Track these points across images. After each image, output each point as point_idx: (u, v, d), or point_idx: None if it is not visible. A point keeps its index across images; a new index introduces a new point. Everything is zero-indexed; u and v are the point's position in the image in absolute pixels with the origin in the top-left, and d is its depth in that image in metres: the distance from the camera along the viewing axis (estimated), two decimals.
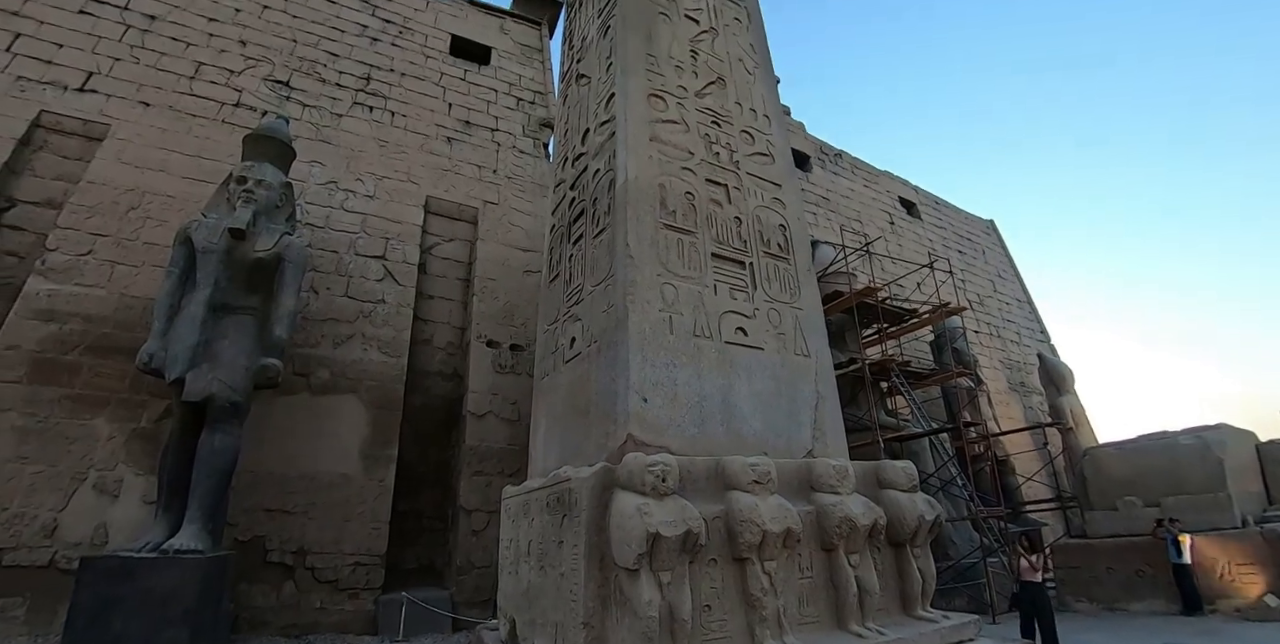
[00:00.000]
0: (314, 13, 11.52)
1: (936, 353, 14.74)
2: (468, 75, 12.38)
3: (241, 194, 7.37)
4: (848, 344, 11.33)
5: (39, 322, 7.29)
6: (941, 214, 21.73)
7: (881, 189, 20.04)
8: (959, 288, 14.39)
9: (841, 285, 11.52)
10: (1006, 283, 22.19)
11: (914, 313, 12.50)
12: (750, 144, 5.19)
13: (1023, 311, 21.93)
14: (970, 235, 22.27)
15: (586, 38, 5.81)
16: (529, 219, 11.06)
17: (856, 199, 18.70)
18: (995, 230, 23.91)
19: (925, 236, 20.09)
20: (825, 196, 17.64)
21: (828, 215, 17.05)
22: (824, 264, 11.99)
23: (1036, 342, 21.24)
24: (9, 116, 8.30)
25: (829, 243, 13.40)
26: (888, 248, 17.04)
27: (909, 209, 20.56)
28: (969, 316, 16.50)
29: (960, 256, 20.51)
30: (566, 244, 5.13)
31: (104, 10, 9.75)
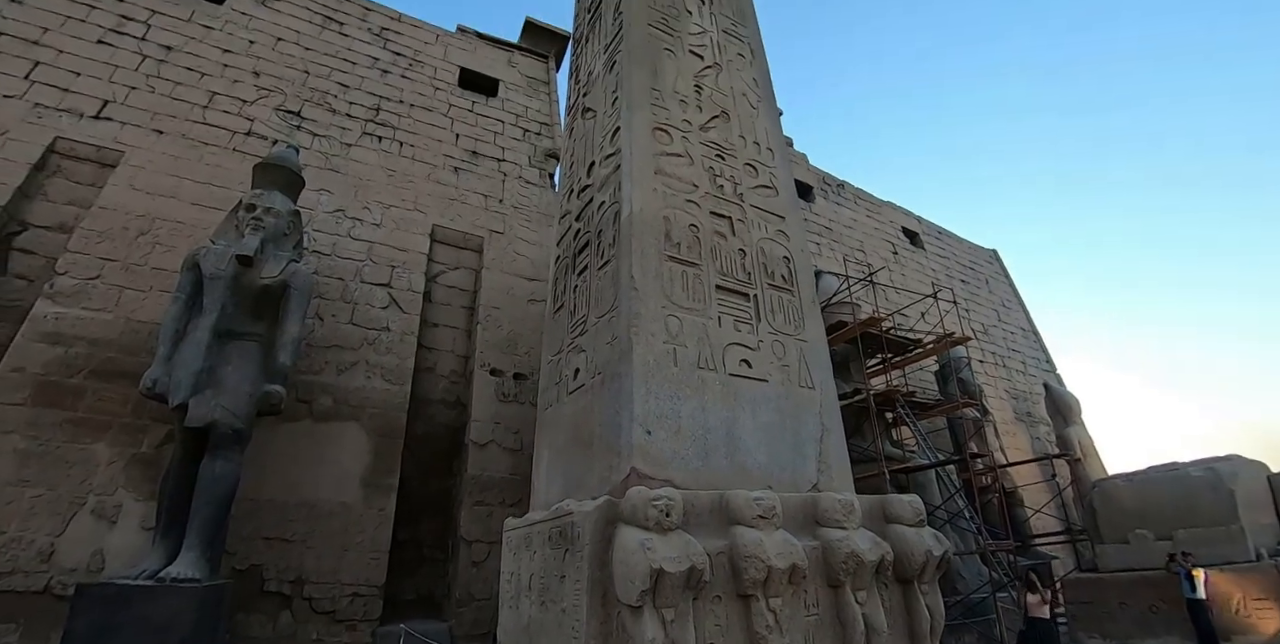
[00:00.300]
0: (327, 45, 11.79)
1: (941, 383, 14.66)
2: (475, 107, 12.59)
3: (250, 221, 7.45)
4: (852, 374, 11.30)
5: (45, 344, 7.31)
6: (944, 244, 21.82)
7: (884, 219, 20.16)
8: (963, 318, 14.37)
9: (845, 315, 11.53)
10: (1011, 312, 22.17)
11: (918, 343, 12.48)
12: (754, 177, 5.25)
13: (1028, 341, 21.86)
14: (974, 265, 22.32)
15: (593, 72, 5.92)
16: (534, 248, 11.14)
17: (859, 229, 18.80)
18: (998, 260, 23.96)
19: (928, 266, 20.14)
20: (828, 227, 17.75)
21: (831, 245, 17.13)
22: (828, 294, 12.01)
23: (1042, 371, 21.13)
24: (25, 142, 8.45)
25: (833, 273, 13.44)
26: (891, 278, 17.08)
27: (912, 239, 20.65)
28: (974, 346, 16.45)
29: (964, 286, 20.53)
30: (571, 275, 5.16)
31: (122, 41, 9.98)
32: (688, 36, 5.63)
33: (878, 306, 11.99)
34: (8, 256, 7.91)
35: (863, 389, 10.89)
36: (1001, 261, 23.96)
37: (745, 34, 6.24)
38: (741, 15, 6.38)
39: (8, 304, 7.62)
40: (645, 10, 5.48)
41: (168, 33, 10.41)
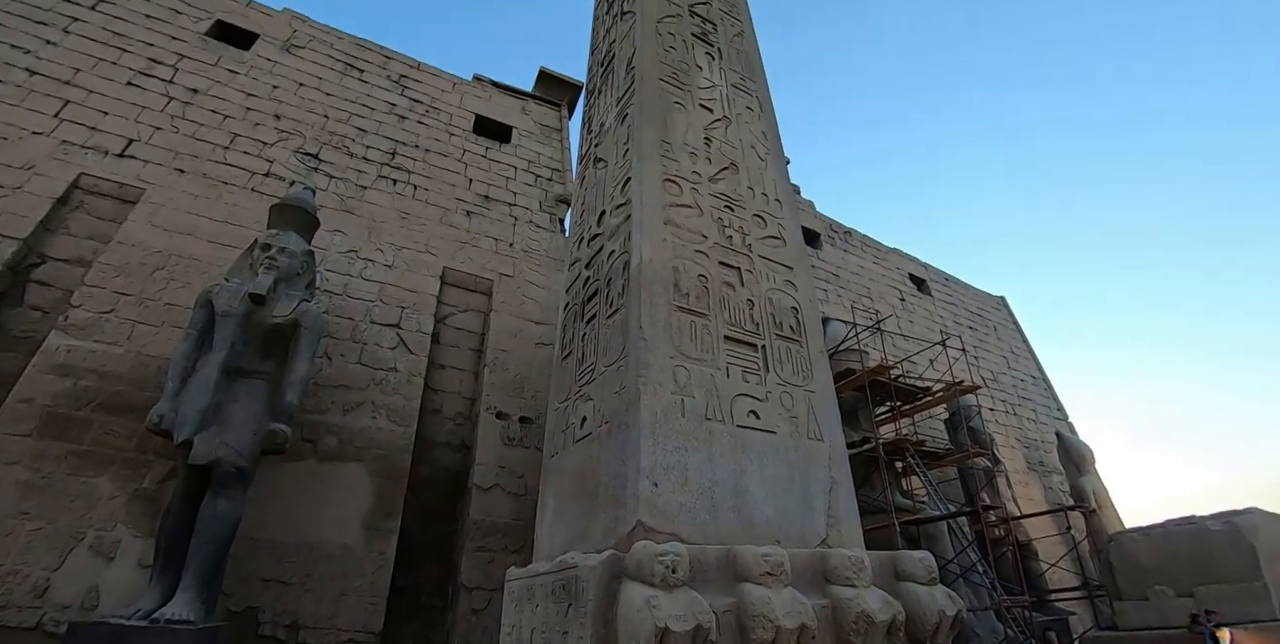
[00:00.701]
0: (347, 91, 12.13)
1: (952, 432, 14.47)
2: (489, 152, 12.87)
3: (264, 260, 7.55)
4: (860, 422, 11.19)
5: (55, 376, 7.34)
6: (952, 290, 21.84)
7: (891, 266, 20.25)
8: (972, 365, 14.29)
9: (853, 363, 11.48)
10: (1020, 359, 22.02)
11: (927, 391, 12.37)
12: (762, 228, 5.31)
13: (1038, 388, 21.65)
14: (981, 311, 22.28)
15: (605, 124, 6.07)
16: (543, 292, 11.22)
17: (866, 276, 18.88)
18: (1006, 306, 23.92)
19: (936, 313, 20.12)
20: (836, 273, 17.84)
21: (838, 292, 17.18)
22: (835, 341, 11.99)
23: (1054, 419, 20.85)
24: (50, 178, 8.65)
25: (840, 320, 13.45)
26: (899, 324, 17.05)
27: (919, 285, 20.70)
28: (984, 394, 16.29)
29: (972, 333, 20.46)
30: (580, 323, 5.19)
31: (150, 83, 10.31)
32: (698, 90, 5.77)
33: (886, 354, 11.96)
34: (25, 288, 8.02)
35: (872, 438, 10.76)
36: (1009, 308, 23.92)
37: (754, 88, 6.40)
38: (750, 70, 6.56)
39: (22, 335, 7.69)
40: (657, 65, 5.65)
41: (194, 76, 10.75)
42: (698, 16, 6.64)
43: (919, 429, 13.42)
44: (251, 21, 12.17)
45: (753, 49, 6.90)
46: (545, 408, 6.69)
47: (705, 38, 6.41)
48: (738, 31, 6.91)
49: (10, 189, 8.31)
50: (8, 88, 9.20)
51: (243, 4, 12.35)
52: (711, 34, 6.52)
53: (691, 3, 6.75)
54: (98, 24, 10.54)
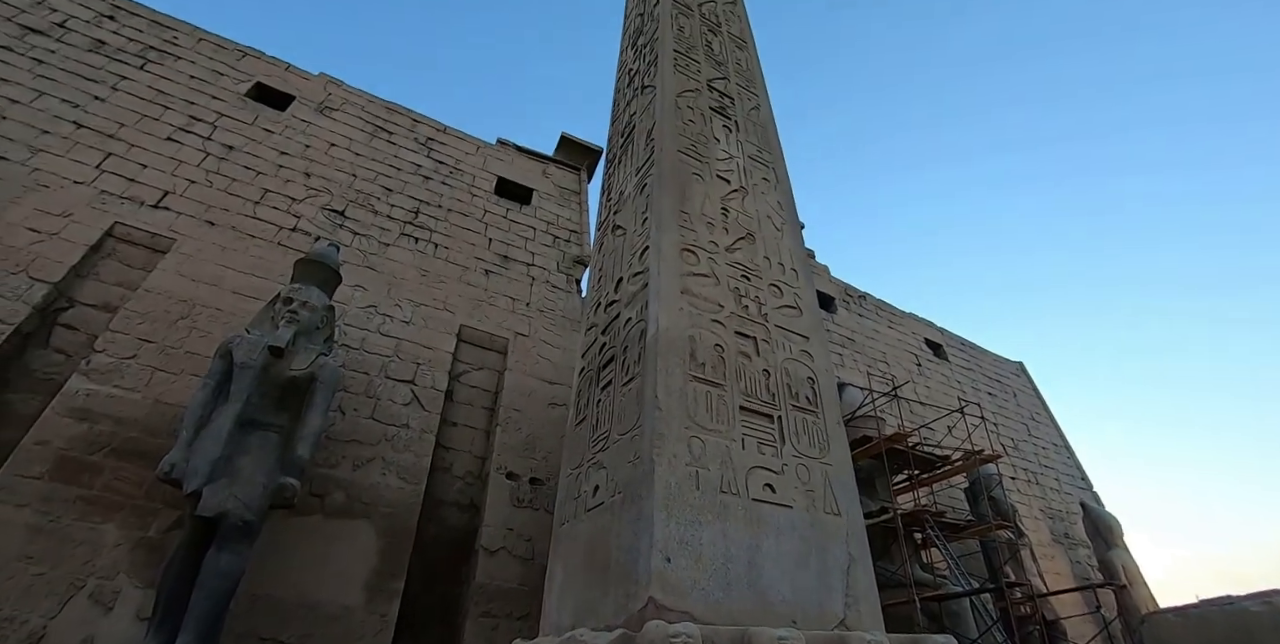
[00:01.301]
0: (376, 152, 12.56)
1: (972, 501, 14.06)
2: (509, 213, 13.16)
3: (286, 314, 7.67)
4: (878, 491, 10.92)
5: (72, 420, 7.36)
6: (969, 356, 21.65)
7: (907, 330, 20.17)
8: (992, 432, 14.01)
9: (870, 430, 11.30)
10: (1041, 427, 21.59)
11: (946, 459, 12.10)
12: (778, 297, 5.33)
13: (1060, 456, 21.13)
14: (1000, 377, 22.01)
15: (624, 193, 6.21)
16: (557, 352, 11.25)
17: (882, 340, 18.80)
18: (1025, 372, 23.64)
19: (954, 378, 19.90)
20: (850, 338, 17.78)
21: (854, 357, 17.08)
22: (852, 407, 11.84)
23: (1078, 489, 20.25)
24: (86, 225, 8.94)
25: (856, 386, 13.32)
26: (916, 390, 16.85)
27: (936, 351, 20.55)
28: (1004, 462, 15.91)
29: (991, 399, 20.15)
30: (595, 388, 5.17)
31: (189, 139, 10.73)
32: (715, 162, 5.92)
33: (903, 421, 11.78)
34: (52, 331, 8.17)
35: (890, 508, 10.48)
36: (1028, 374, 23.62)
37: (770, 160, 6.56)
38: (767, 142, 6.73)
39: (44, 377, 7.79)
40: (675, 138, 5.81)
41: (231, 134, 11.19)
42: (716, 91, 6.88)
43: (938, 499, 13.06)
44: (290, 84, 12.74)
45: (769, 122, 7.11)
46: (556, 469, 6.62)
47: (723, 111, 6.62)
48: (754, 105, 7.13)
49: (47, 235, 8.60)
50: (55, 139, 9.63)
51: (282, 68, 12.97)
52: (729, 108, 6.74)
53: (710, 78, 7.00)
54: (144, 82, 11.09)
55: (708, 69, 7.07)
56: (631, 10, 9.48)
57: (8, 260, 8.17)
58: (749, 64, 7.84)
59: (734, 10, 8.80)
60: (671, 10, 7.69)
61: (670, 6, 7.77)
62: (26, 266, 8.22)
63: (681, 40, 7.20)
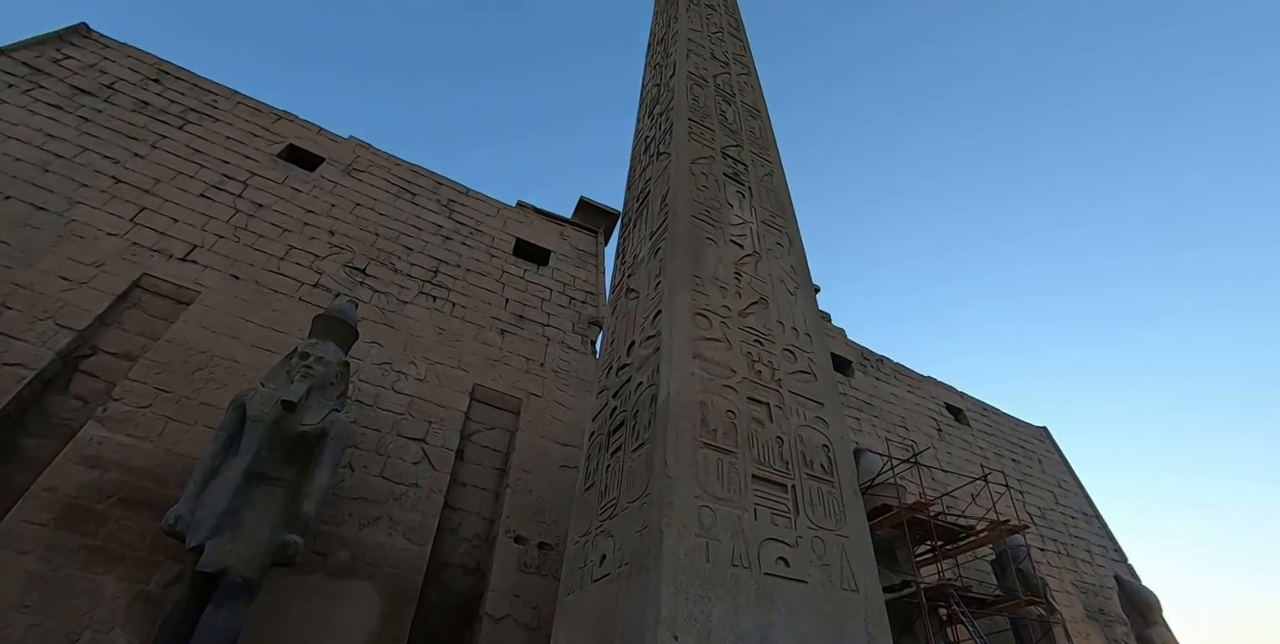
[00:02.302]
0: (399, 212, 12.90)
1: (999, 574, 13.45)
2: (526, 274, 13.35)
3: (301, 368, 7.73)
4: (899, 563, 10.48)
5: (83, 467, 7.35)
6: (991, 421, 21.19)
7: (926, 395, 19.85)
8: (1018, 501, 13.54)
9: (890, 498, 10.95)
10: (1069, 495, 20.85)
11: (971, 530, 11.65)
12: (792, 362, 5.27)
13: (1091, 527, 20.30)
14: (1023, 443, 21.45)
15: (638, 256, 6.27)
16: (570, 413, 11.16)
17: (901, 405, 18.49)
18: (1049, 438, 23.04)
19: (976, 444, 19.42)
20: (868, 402, 17.51)
21: (871, 421, 16.78)
22: (870, 474, 11.52)
23: (1111, 561, 19.36)
24: (115, 276, 9.19)
25: (875, 452, 13.00)
26: (937, 456, 16.43)
27: (956, 415, 20.15)
28: (1032, 533, 15.30)
29: (1015, 466, 19.59)
30: (604, 453, 5.08)
31: (221, 196, 11.12)
32: (729, 227, 5.98)
33: (924, 489, 11.42)
34: (72, 377, 8.27)
35: (912, 581, 10.04)
36: (1053, 439, 23.02)
37: (783, 224, 6.62)
38: (780, 207, 6.82)
39: (60, 423, 7.83)
40: (689, 203, 5.90)
41: (261, 192, 11.59)
42: (730, 157, 7.03)
43: (963, 571, 12.50)
44: (320, 147, 13.25)
45: (782, 187, 7.22)
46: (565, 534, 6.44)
47: (737, 177, 6.74)
48: (768, 171, 7.27)
49: (77, 283, 8.85)
50: (94, 192, 10.05)
51: (314, 130, 13.53)
52: (743, 173, 6.86)
53: (724, 145, 7.17)
54: (182, 142, 11.61)
55: (722, 136, 7.25)
56: (649, 81, 9.84)
57: (37, 307, 8.40)
58: (762, 131, 8.04)
59: (747, 80, 9.10)
60: (686, 81, 7.97)
61: (685, 78, 8.04)
62: (54, 313, 8.44)
63: (696, 109, 7.42)
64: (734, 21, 10.85)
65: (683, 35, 9.14)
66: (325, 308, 9.50)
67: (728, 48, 9.64)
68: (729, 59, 9.27)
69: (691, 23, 9.65)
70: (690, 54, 8.69)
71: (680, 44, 8.89)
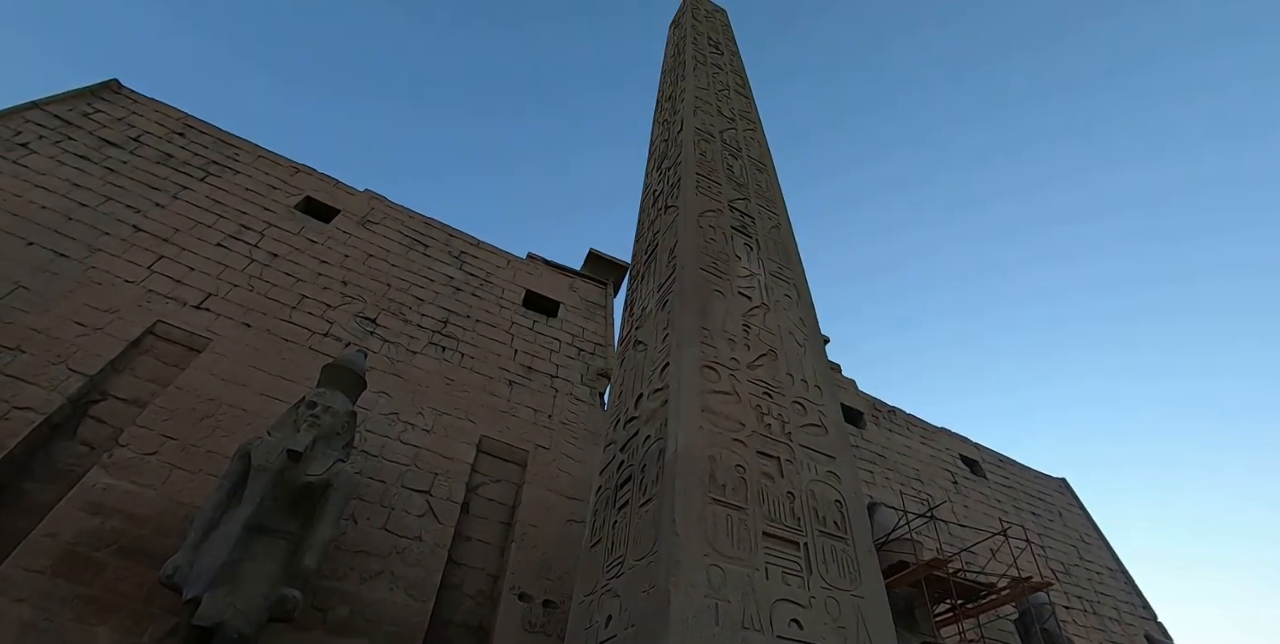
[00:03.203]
0: (411, 263, 13.07)
1: (1023, 634, 12.91)
2: (535, 325, 13.40)
3: (308, 418, 7.69)
4: (918, 623, 10.07)
5: (85, 514, 7.26)
6: (1008, 473, 20.73)
7: (940, 446, 19.51)
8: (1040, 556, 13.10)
9: (907, 555, 10.61)
10: (1093, 549, 20.18)
11: (992, 587, 11.24)
12: (802, 415, 5.20)
13: (1118, 582, 19.55)
14: (1042, 495, 20.92)
15: (646, 308, 6.29)
16: (578, 466, 11.01)
17: (915, 457, 18.15)
18: (1069, 489, 22.47)
19: (993, 497, 18.94)
20: (881, 454, 17.21)
21: (885, 474, 16.45)
22: (885, 530, 11.21)
23: (1141, 619, 18.55)
24: (129, 322, 9.28)
25: (889, 506, 12.70)
26: (953, 510, 16.01)
27: (972, 467, 19.74)
28: (1056, 590, 14.76)
29: (1035, 519, 19.04)
30: (611, 509, 4.97)
31: (237, 246, 11.31)
32: (737, 279, 6.01)
33: (942, 545, 11.09)
34: (81, 422, 8.26)
35: (932, 643, 9.64)
36: (1073, 491, 22.44)
37: (791, 276, 6.65)
38: (787, 259, 6.86)
39: (65, 468, 7.78)
40: (697, 255, 5.95)
41: (277, 242, 11.81)
42: (737, 210, 7.12)
43: (985, 631, 12.01)
44: (336, 199, 13.56)
45: (789, 239, 7.28)
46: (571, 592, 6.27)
47: (744, 230, 6.81)
48: (775, 224, 7.34)
49: (92, 329, 8.95)
50: (114, 240, 10.27)
51: (330, 183, 13.88)
52: (750, 226, 6.94)
53: (731, 198, 7.28)
54: (203, 193, 11.92)
55: (729, 190, 7.37)
56: (657, 137, 10.08)
57: (51, 351, 8.49)
58: (769, 185, 8.16)
59: (754, 136, 9.30)
60: (694, 137, 8.15)
61: (693, 133, 8.23)
62: (68, 358, 8.51)
63: (703, 164, 7.56)
64: (740, 80, 11.17)
65: (690, 93, 9.40)
66: (335, 357, 9.53)
67: (734, 104, 9.89)
68: (735, 115, 9.50)
69: (699, 81, 9.94)
70: (697, 111, 8.92)
71: (688, 101, 9.14)
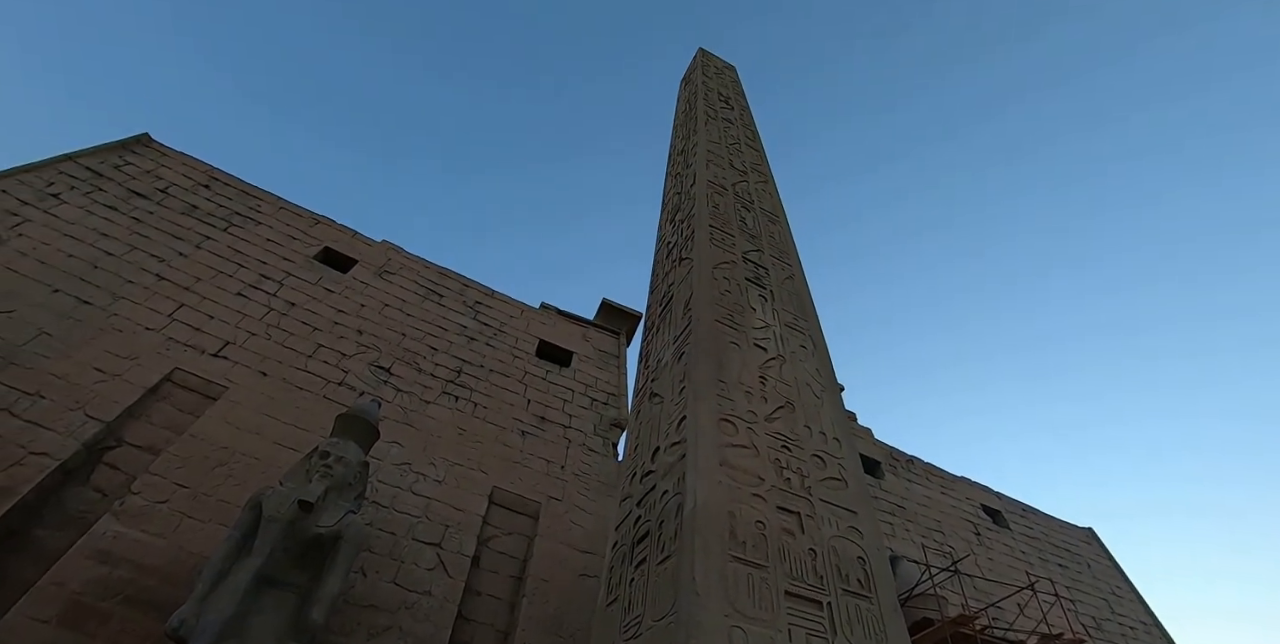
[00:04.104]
0: (426, 313, 13.21)
1: None
2: (549, 375, 13.42)
3: (321, 468, 7.66)
4: None
5: (94, 562, 7.19)
6: (1032, 523, 20.17)
7: (961, 496, 19.08)
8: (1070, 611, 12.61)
9: (931, 611, 10.26)
10: (1124, 602, 19.42)
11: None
12: (822, 469, 5.13)
13: (1152, 638, 18.74)
14: (1068, 546, 20.29)
15: (662, 360, 6.29)
16: (591, 518, 10.84)
17: (935, 507, 17.74)
18: (1096, 539, 21.79)
19: (1018, 549, 18.40)
20: (901, 505, 16.85)
21: (905, 526, 16.06)
22: (908, 584, 10.88)
23: None
24: (147, 369, 9.39)
25: (911, 559, 12.35)
26: (977, 563, 15.54)
27: (995, 518, 19.24)
28: None
29: (1063, 572, 18.43)
30: (628, 566, 4.87)
31: (257, 295, 11.51)
32: (752, 331, 6.02)
33: (967, 600, 10.73)
34: (95, 469, 8.27)
35: None
36: (1100, 541, 21.75)
37: (806, 327, 6.65)
38: (802, 310, 6.88)
39: (77, 515, 7.75)
40: (712, 307, 5.98)
41: (295, 292, 12.00)
42: (750, 262, 7.19)
43: None
44: (354, 250, 13.83)
45: (803, 290, 7.32)
46: None
47: (758, 281, 6.86)
48: (788, 274, 7.40)
49: (111, 375, 9.05)
50: (138, 288, 10.49)
51: (349, 234, 14.17)
52: (764, 277, 6.99)
53: (745, 250, 7.36)
54: (225, 243, 12.21)
55: (742, 242, 7.46)
56: (670, 189, 10.28)
57: (69, 397, 8.57)
58: (782, 236, 8.26)
59: (765, 188, 9.46)
60: (707, 189, 8.31)
61: (705, 186, 8.39)
62: (85, 404, 8.59)
63: (716, 216, 7.68)
64: (750, 133, 11.44)
65: (702, 147, 9.62)
66: (349, 406, 9.55)
67: (745, 157, 10.10)
68: (747, 168, 9.69)
69: (710, 135, 10.19)
70: (710, 164, 9.11)
71: (700, 155, 9.34)
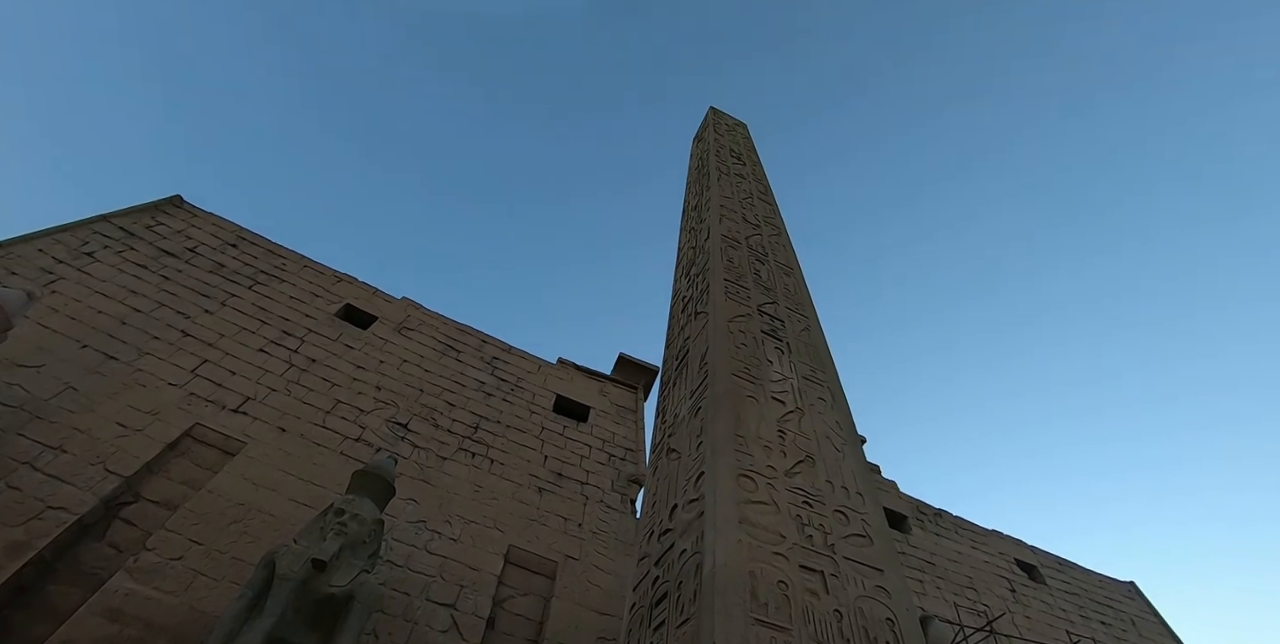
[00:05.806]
0: (444, 369, 13.30)
1: None
2: (566, 430, 13.38)
3: (335, 526, 7.57)
4: None
5: (104, 620, 7.07)
6: (1070, 578, 19.33)
7: (993, 550, 18.40)
8: None
9: None
10: None
11: None
12: (845, 525, 4.99)
13: None
14: (1110, 602, 19.35)
15: (679, 415, 6.25)
16: (608, 578, 10.57)
17: (966, 563, 17.09)
18: (1140, 594, 20.77)
19: (1057, 606, 17.58)
20: (930, 561, 16.26)
21: (935, 583, 15.46)
22: None
23: None
24: (168, 424, 9.48)
25: (944, 619, 11.85)
26: (1014, 622, 14.85)
27: (1030, 573, 18.47)
28: None
29: (1105, 630, 17.54)
30: (646, 629, 4.71)
31: (278, 351, 11.70)
32: (769, 384, 5.98)
33: None
34: (110, 524, 8.24)
35: None
36: (1144, 596, 20.74)
37: (824, 379, 6.60)
38: (820, 362, 6.84)
39: (90, 571, 7.68)
40: (729, 361, 5.97)
41: (316, 348, 12.19)
42: (766, 315, 7.20)
43: None
44: (375, 307, 14.09)
45: (820, 342, 7.29)
46: None
47: (774, 334, 6.86)
48: (804, 327, 7.39)
49: (132, 430, 9.14)
50: (163, 344, 10.72)
51: (370, 291, 14.47)
52: (780, 330, 6.99)
53: (760, 303, 7.38)
54: (249, 300, 12.52)
55: (757, 294, 7.49)
56: (684, 244, 10.43)
57: (91, 451, 8.65)
58: (797, 288, 8.29)
59: (779, 240, 9.57)
60: (721, 244, 8.42)
61: (719, 240, 8.51)
62: (105, 459, 8.66)
63: (731, 270, 7.75)
64: (762, 187, 11.65)
65: (715, 201, 9.80)
66: (365, 462, 9.51)
67: (758, 211, 10.26)
68: (760, 221, 9.83)
69: (723, 190, 10.39)
70: (723, 219, 9.26)
71: (713, 210, 9.51)
